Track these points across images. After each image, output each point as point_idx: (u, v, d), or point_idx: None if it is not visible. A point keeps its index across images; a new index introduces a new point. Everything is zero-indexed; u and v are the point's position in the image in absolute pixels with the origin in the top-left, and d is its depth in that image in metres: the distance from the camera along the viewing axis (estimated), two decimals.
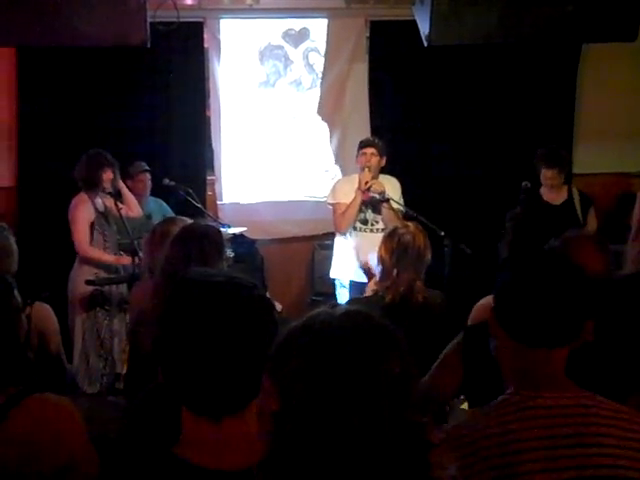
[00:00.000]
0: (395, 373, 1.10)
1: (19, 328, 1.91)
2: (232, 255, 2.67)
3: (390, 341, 1.14)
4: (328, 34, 6.16)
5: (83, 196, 4.92)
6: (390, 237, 3.32)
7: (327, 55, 6.19)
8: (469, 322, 2.68)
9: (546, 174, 5.14)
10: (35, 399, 1.77)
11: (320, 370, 1.07)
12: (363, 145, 4.79)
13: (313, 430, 1.06)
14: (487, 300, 2.61)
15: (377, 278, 3.32)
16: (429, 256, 3.29)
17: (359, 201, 4.67)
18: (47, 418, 1.75)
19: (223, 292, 1.27)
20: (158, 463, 1.26)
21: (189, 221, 3.10)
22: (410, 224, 3.44)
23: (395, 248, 3.24)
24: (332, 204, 4.86)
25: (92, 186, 4.90)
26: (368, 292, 3.51)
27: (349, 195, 4.71)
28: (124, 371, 4.22)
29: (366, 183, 4.62)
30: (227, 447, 1.26)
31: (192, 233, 2.67)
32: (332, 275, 5.03)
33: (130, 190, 5.29)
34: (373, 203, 4.72)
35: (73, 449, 1.74)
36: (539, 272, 1.55)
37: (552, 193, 5.23)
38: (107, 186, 4.91)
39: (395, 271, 3.22)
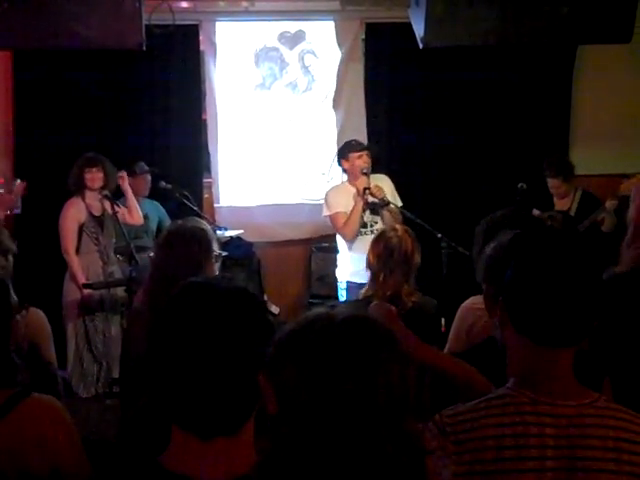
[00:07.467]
0: (393, 385, 1.09)
1: (10, 330, 1.90)
2: (224, 254, 2.61)
3: (389, 352, 1.11)
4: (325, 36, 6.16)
5: (74, 199, 4.96)
6: (377, 241, 3.33)
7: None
8: (455, 322, 2.67)
9: (552, 183, 5.31)
10: (30, 400, 1.77)
11: (316, 379, 1.07)
12: (360, 148, 4.73)
13: (309, 436, 1.06)
14: (472, 301, 2.60)
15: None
16: (418, 259, 3.27)
17: (360, 207, 4.63)
18: (34, 419, 1.74)
19: (221, 311, 1.18)
20: (142, 471, 1.21)
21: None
22: (399, 227, 3.44)
23: (382, 252, 3.25)
24: (329, 216, 4.81)
25: (79, 187, 4.94)
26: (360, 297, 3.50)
27: (343, 204, 4.68)
28: None
29: (365, 189, 4.60)
30: (215, 462, 1.18)
31: (180, 236, 2.65)
32: (337, 275, 5.00)
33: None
34: (373, 207, 4.70)
35: (58, 449, 1.73)
36: (555, 265, 1.44)
37: (561, 200, 5.34)
38: (92, 185, 4.91)
39: (382, 275, 3.23)
